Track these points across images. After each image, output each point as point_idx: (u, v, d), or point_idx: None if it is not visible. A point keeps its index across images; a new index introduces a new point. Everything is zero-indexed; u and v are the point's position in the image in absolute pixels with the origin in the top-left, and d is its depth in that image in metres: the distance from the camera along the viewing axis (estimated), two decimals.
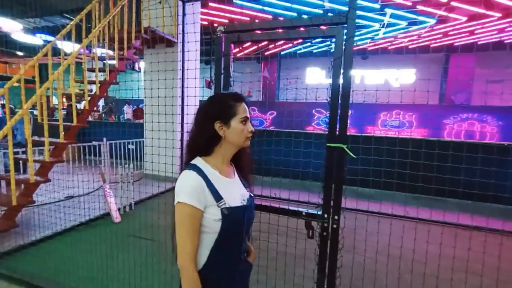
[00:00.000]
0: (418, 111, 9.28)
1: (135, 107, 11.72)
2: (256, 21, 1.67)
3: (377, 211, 3.56)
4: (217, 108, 0.92)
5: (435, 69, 10.38)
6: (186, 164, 0.94)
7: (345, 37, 1.23)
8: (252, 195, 1.01)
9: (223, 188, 0.89)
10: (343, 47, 1.23)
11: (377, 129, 9.90)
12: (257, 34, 1.29)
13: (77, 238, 3.03)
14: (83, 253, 2.66)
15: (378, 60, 10.87)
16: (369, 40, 9.25)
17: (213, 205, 0.85)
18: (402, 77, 10.84)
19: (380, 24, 7.72)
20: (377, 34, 8.66)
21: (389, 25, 7.73)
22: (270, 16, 7.20)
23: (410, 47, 9.53)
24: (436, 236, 2.01)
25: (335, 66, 1.22)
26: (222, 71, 1.36)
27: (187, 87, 4.64)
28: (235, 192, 0.93)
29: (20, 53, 11.18)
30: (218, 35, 1.31)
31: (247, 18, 7.31)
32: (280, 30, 1.29)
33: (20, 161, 3.60)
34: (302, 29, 1.29)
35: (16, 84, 3.01)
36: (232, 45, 1.44)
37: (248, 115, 0.94)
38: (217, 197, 0.86)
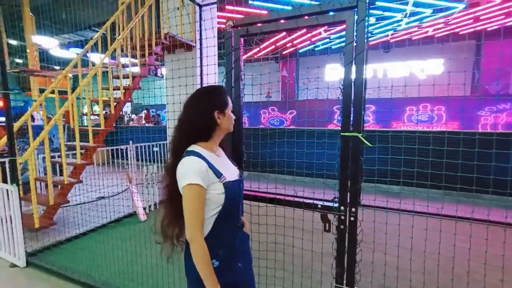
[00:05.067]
0: (448, 104, 8.67)
1: (145, 111, 12.18)
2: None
3: (396, 207, 3.36)
4: (216, 99, 1.08)
5: (465, 58, 9.65)
6: (177, 151, 1.05)
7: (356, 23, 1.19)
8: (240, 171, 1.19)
9: (221, 167, 1.05)
10: (354, 33, 1.19)
11: (403, 125, 9.41)
12: (265, 26, 1.29)
13: (107, 235, 3.21)
14: (112, 249, 2.81)
15: (402, 52, 10.34)
16: (391, 32, 8.82)
17: (216, 182, 1.00)
18: (429, 68, 10.20)
19: (403, 14, 7.34)
20: (400, 25, 8.24)
21: (412, 14, 7.33)
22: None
23: (436, 36, 8.94)
24: (468, 233, 1.85)
25: (346, 52, 1.19)
26: (233, 66, 1.38)
27: None
28: (230, 169, 1.10)
29: (56, 67, 12.19)
30: (228, 30, 1.33)
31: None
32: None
33: (57, 164, 3.90)
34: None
35: (53, 96, 3.28)
36: (242, 40, 1.45)
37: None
38: (218, 174, 1.01)
